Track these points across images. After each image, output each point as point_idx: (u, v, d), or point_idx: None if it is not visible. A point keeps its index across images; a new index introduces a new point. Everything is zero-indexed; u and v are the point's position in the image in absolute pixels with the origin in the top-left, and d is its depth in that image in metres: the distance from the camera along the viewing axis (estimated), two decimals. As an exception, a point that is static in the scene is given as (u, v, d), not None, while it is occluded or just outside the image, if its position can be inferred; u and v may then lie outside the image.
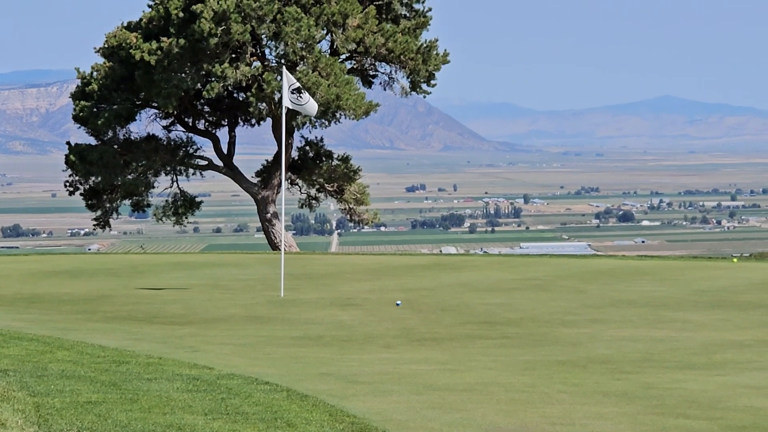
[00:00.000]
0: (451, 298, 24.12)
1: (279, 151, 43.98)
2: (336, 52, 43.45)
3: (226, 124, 46.71)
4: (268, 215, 45.40)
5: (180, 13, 41.75)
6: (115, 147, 44.76)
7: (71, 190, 46.45)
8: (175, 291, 25.85)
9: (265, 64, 43.21)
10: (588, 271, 31.00)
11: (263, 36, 42.59)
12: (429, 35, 44.77)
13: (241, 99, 45.24)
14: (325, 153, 47.04)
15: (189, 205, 47.08)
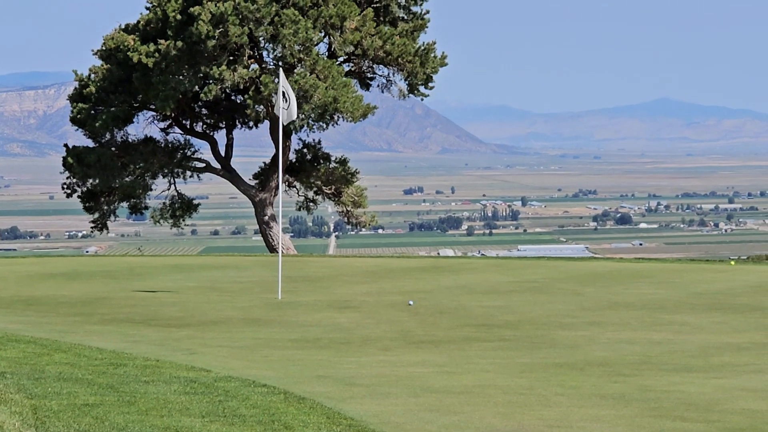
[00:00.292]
0: (449, 301, 24.11)
1: (276, 154, 43.99)
2: (334, 54, 43.47)
3: (224, 126, 46.71)
4: (266, 217, 45.40)
5: (177, 16, 41.77)
6: (113, 149, 44.78)
7: (69, 192, 46.46)
8: (173, 293, 25.84)
9: (263, 66, 43.23)
10: (586, 273, 30.98)
11: (261, 38, 42.61)
12: (427, 38, 44.82)
13: (238, 101, 45.26)
14: (322, 155, 47.04)
15: (186, 207, 47.09)
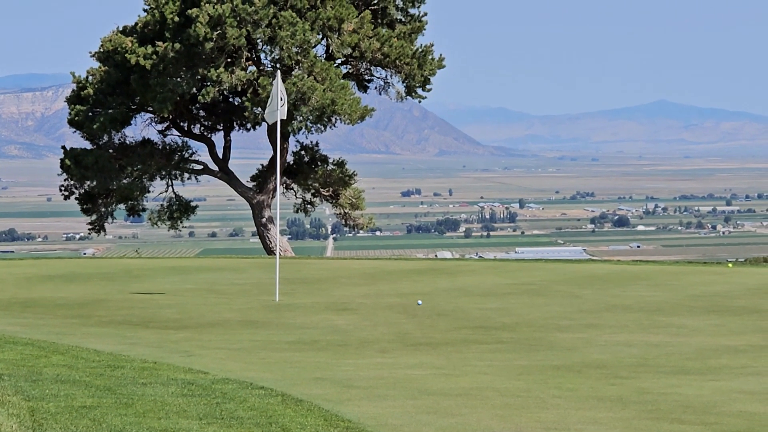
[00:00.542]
0: (447, 303, 24.10)
1: (274, 156, 43.99)
2: (331, 56, 43.47)
3: (222, 128, 46.68)
4: (264, 220, 45.39)
5: (175, 18, 41.76)
6: (111, 151, 44.75)
7: (66, 194, 46.41)
8: (170, 295, 25.83)
9: (261, 68, 43.23)
10: (583, 275, 30.98)
11: (258, 40, 42.60)
12: (424, 40, 44.71)
13: (236, 103, 45.25)
14: (320, 157, 47.03)
15: (184, 209, 47.05)
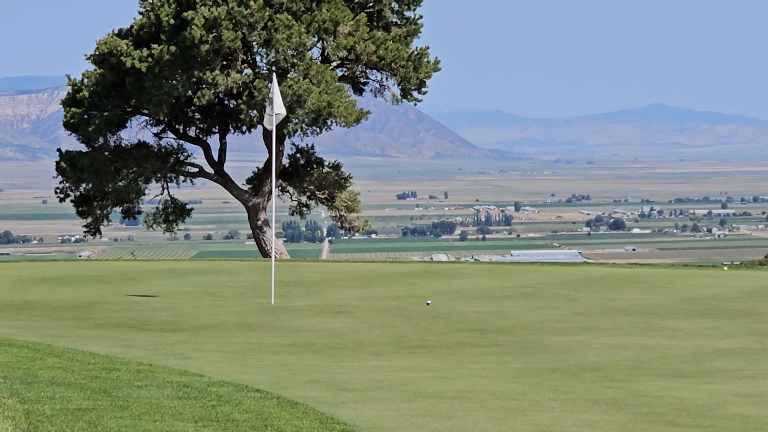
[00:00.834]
0: (442, 306, 24.10)
1: (270, 159, 43.96)
2: (327, 59, 43.47)
3: (217, 131, 46.66)
4: (259, 222, 45.37)
5: (171, 20, 41.73)
6: (106, 154, 44.70)
7: (62, 196, 46.35)
8: (166, 298, 25.81)
9: (256, 71, 43.21)
10: (579, 278, 31.00)
11: (254, 43, 42.59)
12: (420, 43, 44.82)
13: (232, 106, 45.21)
14: (315, 160, 47.01)
15: (180, 212, 47.01)
